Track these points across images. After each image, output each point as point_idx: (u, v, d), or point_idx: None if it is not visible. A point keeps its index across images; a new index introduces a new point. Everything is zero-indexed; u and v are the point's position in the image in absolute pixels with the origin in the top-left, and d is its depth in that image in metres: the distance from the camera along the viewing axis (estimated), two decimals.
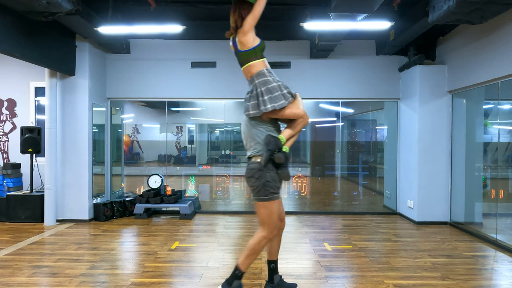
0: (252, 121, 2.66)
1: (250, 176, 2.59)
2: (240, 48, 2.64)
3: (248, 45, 2.60)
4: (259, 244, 2.59)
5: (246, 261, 2.61)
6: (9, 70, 5.99)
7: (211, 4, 5.04)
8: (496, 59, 4.22)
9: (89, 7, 4.59)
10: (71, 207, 5.41)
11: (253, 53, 2.62)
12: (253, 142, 2.64)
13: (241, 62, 2.70)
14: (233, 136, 7.97)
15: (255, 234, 2.61)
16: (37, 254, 3.90)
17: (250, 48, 2.61)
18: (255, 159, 2.61)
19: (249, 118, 2.66)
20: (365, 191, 6.96)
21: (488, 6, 3.49)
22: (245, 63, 2.66)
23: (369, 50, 5.99)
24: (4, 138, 6.08)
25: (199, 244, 4.32)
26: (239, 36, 2.62)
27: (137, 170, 8.01)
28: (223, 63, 5.98)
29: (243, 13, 2.60)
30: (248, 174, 2.61)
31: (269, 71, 2.66)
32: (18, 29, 4.10)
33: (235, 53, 2.72)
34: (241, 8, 2.61)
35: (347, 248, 4.15)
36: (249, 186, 2.63)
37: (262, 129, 2.63)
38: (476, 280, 3.25)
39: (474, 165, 5.03)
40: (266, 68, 2.65)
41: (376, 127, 7.44)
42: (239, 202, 6.68)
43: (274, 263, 2.80)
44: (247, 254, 2.59)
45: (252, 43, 2.60)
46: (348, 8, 3.72)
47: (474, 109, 5.10)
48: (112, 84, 6.01)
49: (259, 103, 2.56)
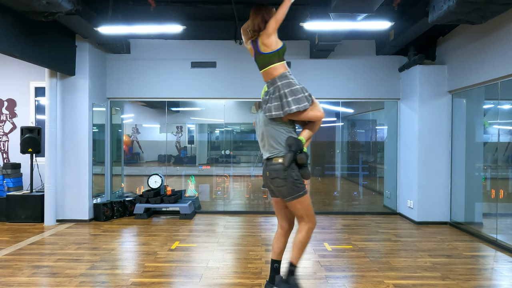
0: (272, 122, 2.68)
1: (275, 177, 2.62)
2: (263, 50, 2.67)
3: (271, 47, 2.65)
4: (307, 236, 2.66)
5: (298, 256, 2.67)
6: (9, 70, 5.99)
7: (211, 4, 5.04)
8: (496, 59, 4.22)
9: (89, 7, 4.59)
10: (71, 207, 5.41)
11: (276, 55, 2.67)
12: (274, 143, 2.66)
13: (262, 64, 2.72)
14: (233, 136, 7.97)
15: (299, 229, 2.65)
16: (37, 254, 3.90)
17: (273, 51, 2.65)
18: (276, 160, 2.64)
19: (269, 119, 2.68)
20: (365, 191, 6.96)
21: (488, 6, 3.49)
22: (268, 65, 2.68)
23: (369, 50, 5.99)
24: (4, 138, 6.08)
25: (199, 244, 4.32)
26: (262, 38, 2.66)
27: (137, 170, 8.01)
28: (223, 63, 5.98)
29: (266, 16, 2.66)
30: (273, 175, 2.63)
31: (290, 73, 2.70)
32: (18, 29, 4.10)
33: (256, 56, 2.74)
34: (264, 12, 2.68)
35: (347, 248, 4.15)
36: (274, 186, 2.66)
37: (283, 130, 2.66)
38: (476, 280, 3.25)
39: (474, 165, 5.03)
40: (288, 71, 2.70)
41: (376, 127, 7.44)
42: (239, 202, 6.68)
43: (278, 263, 2.80)
44: (298, 249, 2.64)
45: (275, 45, 2.65)
46: (348, 8, 3.72)
47: (474, 109, 5.10)
48: (112, 84, 6.01)
49: (283, 104, 2.60)
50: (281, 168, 2.59)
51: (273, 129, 2.68)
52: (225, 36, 5.89)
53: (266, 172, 2.69)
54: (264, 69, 2.71)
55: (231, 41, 5.94)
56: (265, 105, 2.71)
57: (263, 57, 2.68)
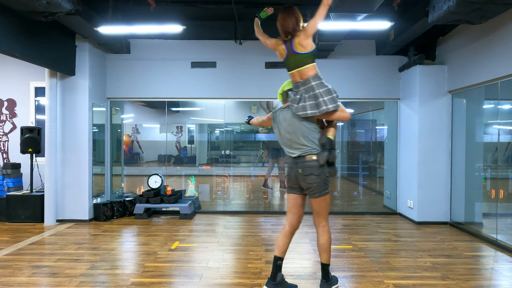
0: (304, 121, 2.78)
1: (310, 174, 2.73)
2: (300, 50, 2.73)
3: (308, 48, 2.72)
4: (330, 236, 2.83)
5: (329, 255, 2.83)
6: (9, 70, 5.99)
7: (211, 4, 5.04)
8: (496, 59, 4.22)
9: (89, 7, 4.59)
10: (71, 207, 5.41)
11: (311, 56, 2.75)
12: (305, 141, 2.77)
13: (296, 64, 2.78)
14: (233, 136, 7.97)
15: (321, 232, 2.80)
16: (37, 254, 3.90)
17: (309, 51, 2.73)
18: (309, 157, 2.75)
19: (301, 118, 2.78)
20: (365, 191, 6.96)
21: (488, 6, 3.49)
22: (302, 65, 2.75)
23: (369, 50, 5.99)
24: (4, 138, 6.08)
25: (199, 244, 4.32)
26: (300, 39, 2.72)
27: (137, 170, 8.02)
28: (223, 63, 5.98)
29: (298, 17, 2.78)
30: (307, 172, 2.73)
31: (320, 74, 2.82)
32: (18, 29, 4.10)
33: (289, 56, 2.80)
34: (296, 13, 2.78)
35: (347, 248, 4.15)
36: (306, 183, 2.75)
37: (314, 128, 2.80)
38: (476, 280, 3.25)
39: (474, 165, 5.03)
40: (319, 72, 2.81)
41: (376, 127, 7.44)
42: (239, 202, 6.69)
43: (281, 261, 2.85)
44: (328, 250, 2.80)
45: (311, 46, 2.73)
46: (348, 8, 3.73)
47: (474, 109, 5.10)
48: (112, 84, 6.01)
49: (319, 103, 2.71)
50: (316, 165, 2.72)
51: (305, 127, 2.78)
52: (225, 36, 5.90)
53: (297, 169, 2.78)
54: (297, 69, 2.78)
55: (231, 41, 5.94)
56: (295, 104, 2.79)
57: (299, 57, 2.75)
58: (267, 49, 3.01)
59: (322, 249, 2.79)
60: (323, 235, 2.79)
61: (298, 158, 2.80)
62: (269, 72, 5.95)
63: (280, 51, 2.86)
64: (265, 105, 6.54)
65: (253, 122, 3.30)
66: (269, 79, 5.93)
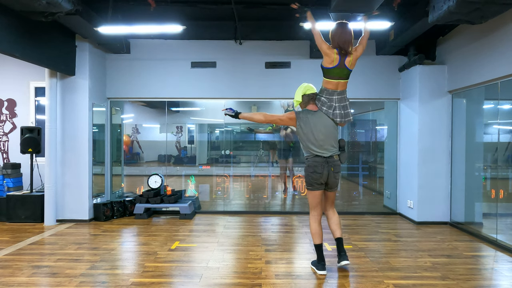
0: (335, 126, 3.33)
1: (338, 171, 3.35)
2: (350, 67, 3.24)
3: (353, 67, 3.27)
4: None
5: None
6: (9, 70, 5.99)
7: (211, 4, 5.03)
8: (496, 59, 4.22)
9: (89, 7, 4.59)
10: (71, 207, 5.41)
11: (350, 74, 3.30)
12: (335, 143, 3.32)
13: (341, 76, 3.24)
14: (233, 136, 7.97)
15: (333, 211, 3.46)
16: (37, 254, 3.90)
17: (351, 70, 3.28)
18: (336, 157, 3.33)
19: (334, 123, 3.31)
20: (365, 191, 6.96)
21: (488, 6, 3.49)
22: (345, 79, 3.28)
23: (369, 50, 5.98)
24: (4, 138, 6.08)
25: (199, 244, 4.32)
26: (353, 59, 3.24)
27: (137, 170, 8.01)
28: (223, 63, 5.99)
29: (352, 37, 3.25)
30: (337, 169, 3.33)
31: None
32: (18, 29, 4.10)
33: (338, 66, 3.21)
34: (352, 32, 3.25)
35: (347, 248, 4.12)
36: (335, 179, 3.32)
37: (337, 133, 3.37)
38: (476, 280, 3.25)
39: (474, 165, 5.03)
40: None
41: (376, 127, 7.44)
42: (239, 202, 6.69)
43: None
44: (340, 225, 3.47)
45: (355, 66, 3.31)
46: (348, 8, 3.73)
47: (474, 109, 5.10)
48: (112, 84, 6.01)
49: (348, 113, 3.31)
50: (340, 164, 3.36)
51: (336, 131, 3.33)
52: (225, 36, 5.90)
53: (330, 168, 3.27)
54: (342, 80, 3.26)
55: (231, 41, 5.94)
56: (331, 110, 3.26)
57: (348, 72, 3.26)
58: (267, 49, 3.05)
59: (339, 225, 3.41)
60: (336, 214, 3.46)
61: (329, 157, 3.27)
62: (269, 72, 5.95)
63: (332, 59, 3.19)
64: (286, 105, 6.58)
65: (244, 116, 3.54)
66: (269, 79, 5.93)
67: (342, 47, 3.16)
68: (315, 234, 3.36)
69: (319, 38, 3.24)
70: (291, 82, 5.84)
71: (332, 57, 3.17)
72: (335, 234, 3.39)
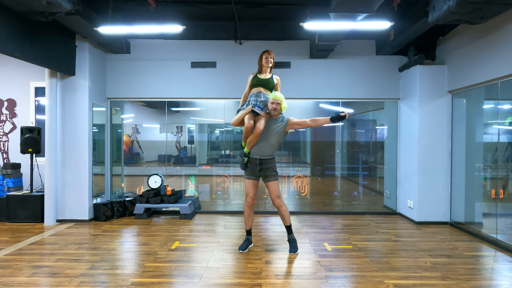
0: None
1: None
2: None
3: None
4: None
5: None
6: (9, 70, 5.99)
7: (211, 4, 5.04)
8: (496, 59, 4.22)
9: (89, 7, 4.59)
10: (71, 207, 5.41)
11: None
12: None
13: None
14: (233, 136, 7.97)
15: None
16: (37, 254, 3.90)
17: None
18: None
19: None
20: (365, 191, 6.96)
21: (488, 6, 3.49)
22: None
23: (369, 50, 5.99)
24: (4, 138, 6.08)
25: (199, 244, 4.32)
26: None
27: (137, 170, 8.00)
28: (223, 63, 5.99)
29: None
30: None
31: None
32: (18, 29, 4.10)
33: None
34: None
35: (347, 248, 4.15)
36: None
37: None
38: (476, 280, 3.25)
39: (474, 165, 5.03)
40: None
41: (376, 127, 7.43)
42: (239, 202, 6.68)
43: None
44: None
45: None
46: (348, 8, 3.72)
47: (474, 109, 5.10)
48: (112, 84, 6.01)
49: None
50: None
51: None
52: (225, 36, 5.90)
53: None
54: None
55: (231, 41, 5.94)
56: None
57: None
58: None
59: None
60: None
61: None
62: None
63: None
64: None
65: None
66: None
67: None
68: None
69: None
70: (291, 82, 5.85)
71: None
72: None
